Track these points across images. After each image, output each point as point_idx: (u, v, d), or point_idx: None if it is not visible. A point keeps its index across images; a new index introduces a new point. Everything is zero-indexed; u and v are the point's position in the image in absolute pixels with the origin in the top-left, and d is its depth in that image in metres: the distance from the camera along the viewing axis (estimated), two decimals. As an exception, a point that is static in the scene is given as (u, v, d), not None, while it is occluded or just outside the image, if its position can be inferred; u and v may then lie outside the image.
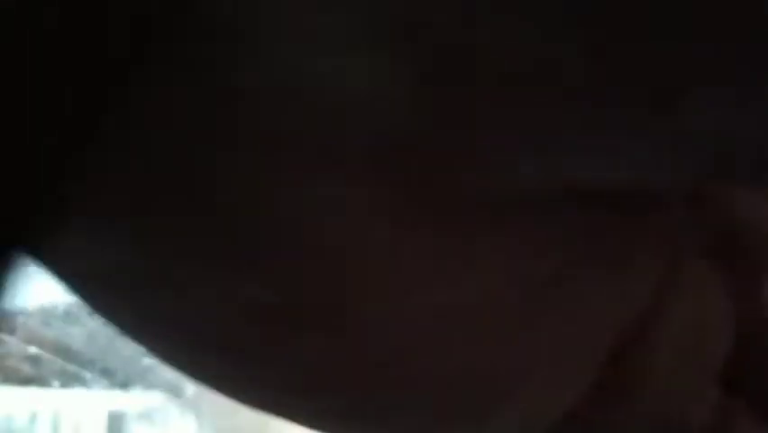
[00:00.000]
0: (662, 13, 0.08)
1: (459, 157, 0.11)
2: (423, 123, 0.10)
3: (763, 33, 0.08)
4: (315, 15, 0.08)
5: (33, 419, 4.00)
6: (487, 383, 0.13)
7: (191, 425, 4.21)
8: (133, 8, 0.08)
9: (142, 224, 0.12)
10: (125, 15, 0.08)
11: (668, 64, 0.08)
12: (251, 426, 2.55)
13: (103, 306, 0.15)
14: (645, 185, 0.11)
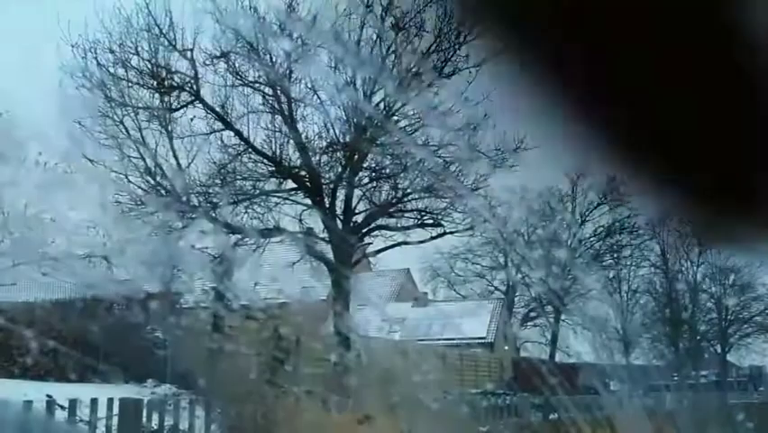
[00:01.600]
0: None
1: None
2: None
3: None
4: None
5: (51, 408, 4.19)
6: None
7: (201, 415, 4.39)
8: None
9: None
10: None
11: None
12: (259, 418, 2.68)
13: None
14: None
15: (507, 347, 34.84)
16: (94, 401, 4.66)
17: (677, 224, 39.41)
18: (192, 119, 14.27)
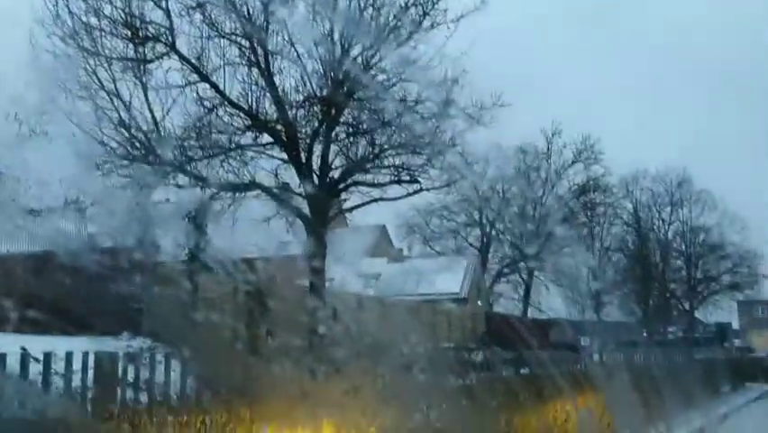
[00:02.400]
0: None
1: None
2: None
3: None
4: None
5: (25, 361, 4.17)
6: None
7: (176, 368, 4.41)
8: None
9: None
10: None
11: None
12: (235, 369, 2.71)
13: None
14: None
15: (480, 303, 35.29)
16: (69, 355, 4.66)
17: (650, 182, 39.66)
18: (167, 71, 14.01)
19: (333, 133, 14.96)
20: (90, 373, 4.78)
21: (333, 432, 1.80)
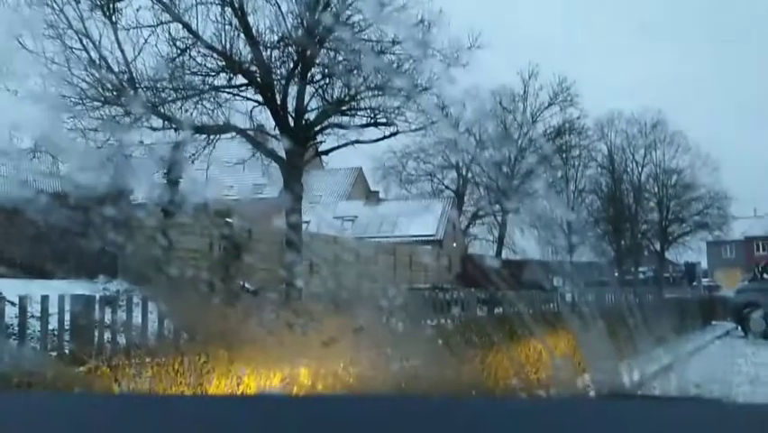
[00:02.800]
0: None
1: None
2: None
3: None
4: None
5: (0, 304, 4.15)
6: None
7: (154, 310, 4.42)
8: None
9: None
10: None
11: None
12: (211, 313, 2.73)
13: None
14: None
15: (455, 244, 35.64)
16: (45, 298, 4.65)
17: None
18: (138, 10, 13.65)
19: (309, 75, 14.76)
20: (67, 315, 4.78)
21: (312, 371, 1.83)
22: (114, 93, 13.40)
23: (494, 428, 0.94)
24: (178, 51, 14.07)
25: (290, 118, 14.48)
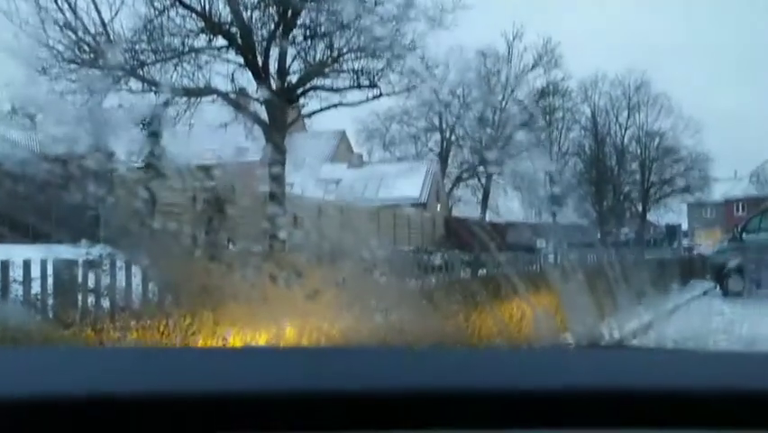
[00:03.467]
0: None
1: None
2: None
3: None
4: None
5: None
6: None
7: (137, 273, 4.41)
8: None
9: None
10: None
11: None
12: (195, 274, 2.73)
13: None
14: None
15: (439, 207, 35.73)
16: (27, 263, 4.62)
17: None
18: (113, -31, 13.35)
19: (291, 36, 14.57)
20: (50, 280, 4.76)
21: (296, 332, 1.85)
22: (91, 55, 13.17)
23: (476, 376, 0.96)
24: (157, 12, 13.83)
25: (272, 81, 14.33)
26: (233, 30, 14.09)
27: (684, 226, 47.51)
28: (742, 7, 59.90)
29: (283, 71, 14.52)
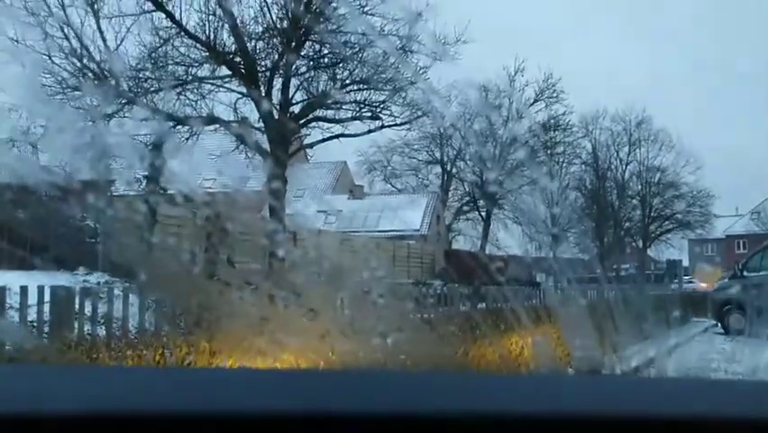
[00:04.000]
0: None
1: None
2: None
3: None
4: None
5: (-21, 296, 4.05)
6: None
7: (135, 303, 4.38)
8: None
9: None
10: None
11: None
12: (195, 307, 2.69)
13: None
14: None
15: (440, 240, 35.68)
16: (24, 289, 4.59)
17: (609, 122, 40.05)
18: (120, -2, 13.51)
19: (294, 67, 14.69)
20: (46, 306, 4.73)
21: (293, 361, 1.82)
22: (96, 82, 13.26)
23: (475, 400, 0.94)
24: (161, 41, 13.96)
25: (275, 111, 14.41)
26: (237, 60, 14.21)
27: (685, 263, 47.43)
28: (744, 45, 60.52)
29: (286, 101, 14.61)
